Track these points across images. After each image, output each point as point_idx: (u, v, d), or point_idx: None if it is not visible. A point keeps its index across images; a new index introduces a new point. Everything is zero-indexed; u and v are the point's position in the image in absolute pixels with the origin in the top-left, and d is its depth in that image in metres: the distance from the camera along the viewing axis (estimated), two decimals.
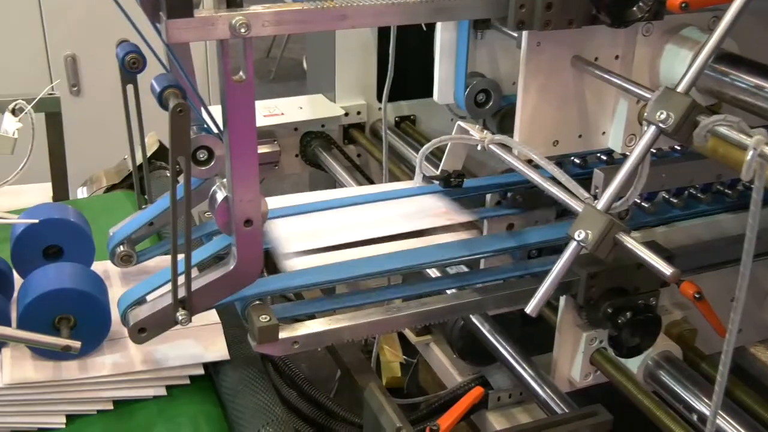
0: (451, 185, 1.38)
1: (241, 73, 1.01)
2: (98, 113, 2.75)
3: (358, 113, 2.15)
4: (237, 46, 0.99)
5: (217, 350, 1.21)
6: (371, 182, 2.08)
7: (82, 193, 1.85)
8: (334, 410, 1.95)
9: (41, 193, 1.83)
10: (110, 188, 1.79)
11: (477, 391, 1.24)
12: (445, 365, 1.86)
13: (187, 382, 1.19)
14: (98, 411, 1.15)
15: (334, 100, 2.15)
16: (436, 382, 2.07)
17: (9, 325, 1.14)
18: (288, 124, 2.05)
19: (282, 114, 2.06)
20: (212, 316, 1.26)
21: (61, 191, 1.83)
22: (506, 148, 1.30)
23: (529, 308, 1.11)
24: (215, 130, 1.16)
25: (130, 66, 1.22)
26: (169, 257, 1.33)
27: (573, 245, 1.08)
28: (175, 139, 1.00)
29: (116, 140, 2.04)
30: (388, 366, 2.27)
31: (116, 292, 1.24)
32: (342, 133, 2.14)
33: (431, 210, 1.39)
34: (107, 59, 2.75)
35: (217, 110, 1.08)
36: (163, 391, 1.18)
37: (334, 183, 2.17)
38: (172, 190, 1.04)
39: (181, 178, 1.06)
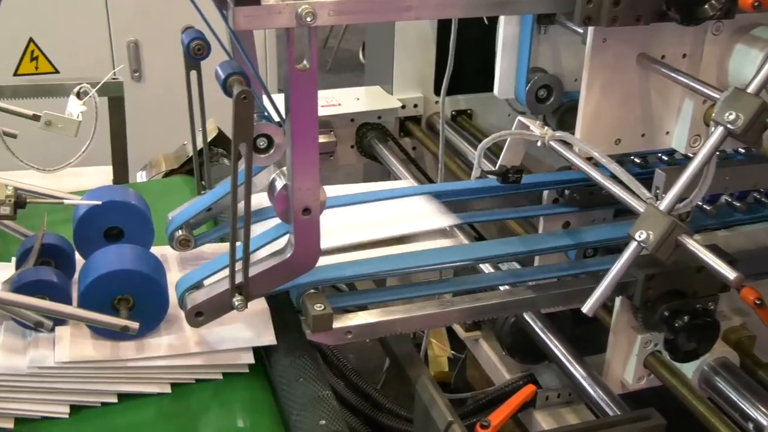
0: (509, 181, 1.37)
1: (305, 61, 1.01)
2: (158, 99, 2.80)
3: (415, 106, 2.15)
4: (300, 35, 1.00)
5: (266, 336, 1.22)
6: (426, 176, 2.08)
7: (141, 177, 1.87)
8: (380, 402, 1.95)
9: (102, 175, 1.85)
10: (168, 173, 1.81)
11: (529, 389, 1.23)
12: (493, 362, 1.86)
13: (245, 369, 1.20)
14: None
15: (392, 92, 2.15)
16: (483, 378, 2.06)
17: (70, 303, 1.16)
18: (345, 115, 2.05)
19: (339, 105, 2.07)
20: (261, 302, 1.27)
21: (121, 174, 1.86)
22: (567, 144, 1.29)
23: (586, 308, 1.10)
24: (276, 118, 1.17)
25: (195, 52, 1.23)
26: (224, 244, 1.35)
27: (633, 246, 1.07)
28: (238, 125, 1.01)
29: (175, 126, 2.06)
30: (436, 360, 2.26)
31: (173, 275, 1.26)
32: (398, 125, 2.14)
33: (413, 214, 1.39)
34: (168, 46, 2.79)
35: (276, 98, 1.08)
36: (218, 376, 1.19)
37: (388, 175, 2.17)
38: (233, 176, 1.05)
39: (240, 165, 1.07)
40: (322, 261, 1.18)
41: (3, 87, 1.80)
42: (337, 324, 1.17)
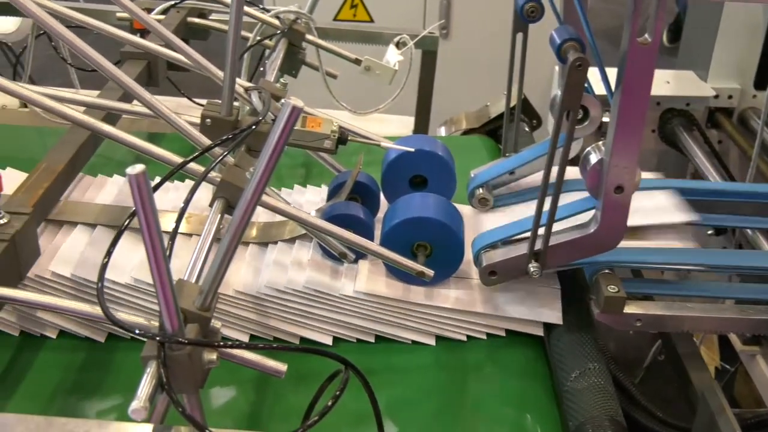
0: None
1: (646, 35, 0.97)
2: (462, 58, 2.85)
3: (730, 97, 2.01)
4: (647, 6, 0.96)
5: (553, 314, 1.20)
6: (728, 172, 1.95)
7: (440, 131, 1.91)
8: (636, 397, 1.88)
9: (404, 125, 1.92)
10: (467, 132, 1.83)
11: None
12: None
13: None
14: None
15: (706, 79, 2.02)
16: (753, 397, 1.92)
17: (372, 239, 1.21)
18: (651, 97, 1.97)
19: None
20: (553, 279, 1.25)
21: (422, 126, 1.91)
22: None
23: None
24: (597, 91, 1.14)
25: (528, 14, 1.23)
26: (520, 209, 1.35)
27: None
28: (569, 92, 1.00)
29: (476, 86, 2.09)
30: None
31: (468, 233, 1.28)
32: (707, 115, 2.02)
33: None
34: (479, 6, 2.84)
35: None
36: (501, 332, 1.20)
37: (685, 165, 2.06)
38: (551, 143, 1.05)
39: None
40: None
41: (327, 29, 1.90)
42: (629, 309, 1.13)
